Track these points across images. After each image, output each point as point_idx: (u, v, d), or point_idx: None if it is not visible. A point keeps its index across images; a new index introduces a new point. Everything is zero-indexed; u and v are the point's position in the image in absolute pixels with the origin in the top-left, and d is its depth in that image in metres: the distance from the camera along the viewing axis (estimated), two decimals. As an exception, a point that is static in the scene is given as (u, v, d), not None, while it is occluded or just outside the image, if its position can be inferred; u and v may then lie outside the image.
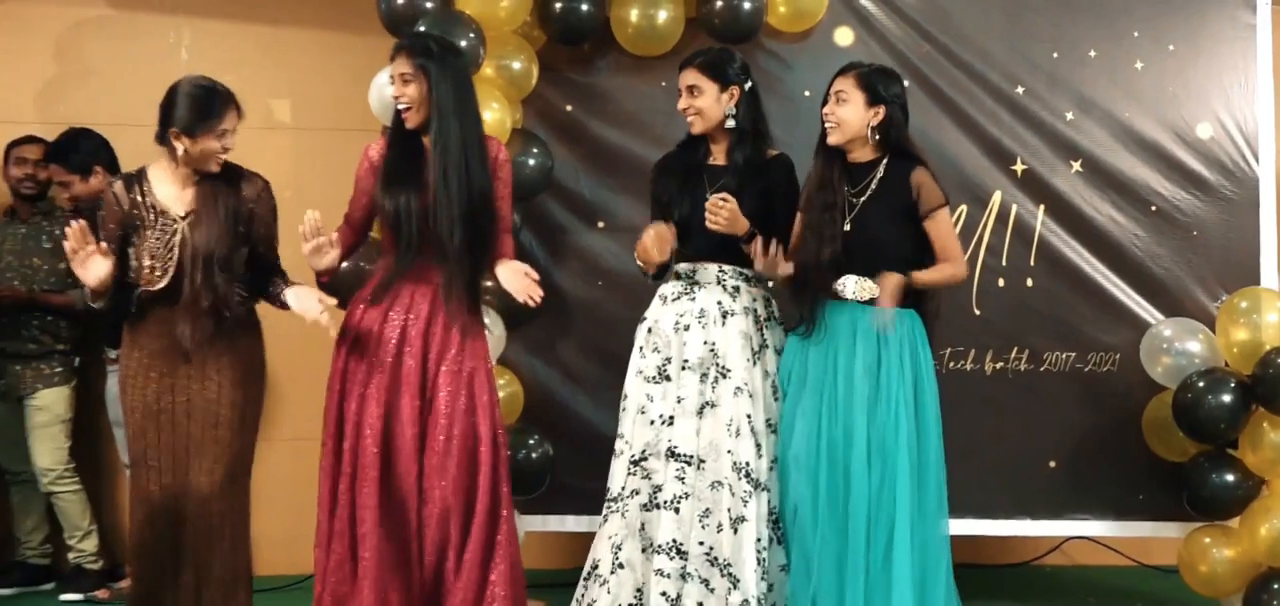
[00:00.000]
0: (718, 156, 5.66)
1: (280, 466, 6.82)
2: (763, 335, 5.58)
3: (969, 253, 6.50)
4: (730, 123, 5.59)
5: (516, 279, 5.42)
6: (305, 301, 5.27)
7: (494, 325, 6.36)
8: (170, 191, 5.26)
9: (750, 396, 5.44)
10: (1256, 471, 6.28)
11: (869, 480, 5.33)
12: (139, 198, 5.24)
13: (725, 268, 5.57)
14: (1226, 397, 6.19)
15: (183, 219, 5.22)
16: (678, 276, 5.66)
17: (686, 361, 5.49)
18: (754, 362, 5.50)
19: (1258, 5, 6.67)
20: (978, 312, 6.58)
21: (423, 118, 5.39)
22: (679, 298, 5.60)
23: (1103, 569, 7.63)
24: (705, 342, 5.49)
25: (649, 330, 5.64)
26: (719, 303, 5.53)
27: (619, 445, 5.61)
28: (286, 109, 7.60)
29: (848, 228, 5.43)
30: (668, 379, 5.53)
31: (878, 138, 5.48)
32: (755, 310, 5.59)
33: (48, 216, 7.11)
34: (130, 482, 5.41)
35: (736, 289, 5.57)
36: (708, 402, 5.45)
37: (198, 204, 5.23)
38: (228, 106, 5.25)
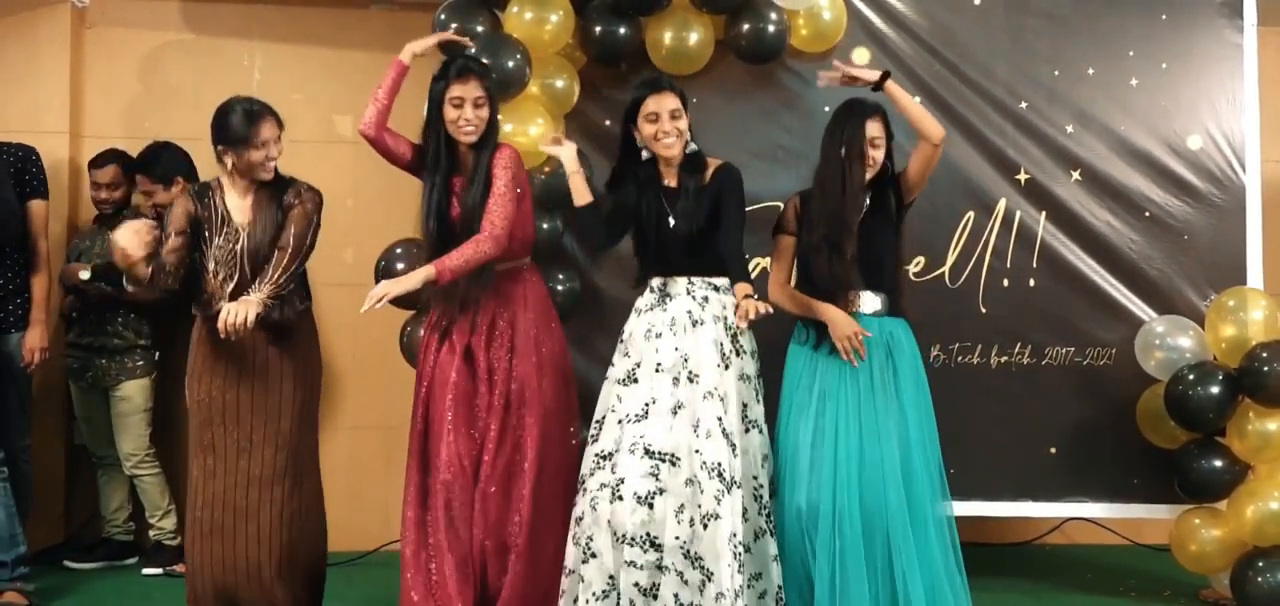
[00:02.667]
0: (668, 179, 5.55)
1: (339, 453, 6.84)
2: (735, 341, 5.46)
3: (976, 255, 6.57)
4: (692, 146, 5.52)
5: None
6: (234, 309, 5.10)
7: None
8: (234, 201, 5.34)
9: (721, 400, 5.32)
10: (1242, 457, 6.27)
11: (900, 475, 5.33)
12: (210, 203, 5.33)
13: (694, 280, 5.49)
14: (1215, 389, 6.18)
15: (244, 228, 5.29)
16: (651, 290, 5.59)
17: (659, 365, 5.40)
18: (726, 368, 5.39)
19: (1244, 26, 6.68)
20: (984, 311, 6.58)
21: (490, 137, 5.41)
22: (652, 309, 5.53)
23: (1099, 547, 7.63)
24: (676, 349, 5.40)
25: (622, 339, 5.60)
26: (689, 312, 5.44)
27: (590, 441, 5.54)
28: (348, 124, 7.57)
29: (856, 247, 5.46)
30: (636, 382, 5.43)
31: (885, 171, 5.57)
32: (725, 319, 5.46)
33: (133, 223, 7.13)
34: (190, 467, 5.45)
35: (705, 299, 5.48)
36: (679, 404, 5.35)
37: (253, 212, 5.30)
38: (260, 121, 5.30)
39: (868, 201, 5.49)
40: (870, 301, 5.47)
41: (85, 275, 6.89)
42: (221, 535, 5.31)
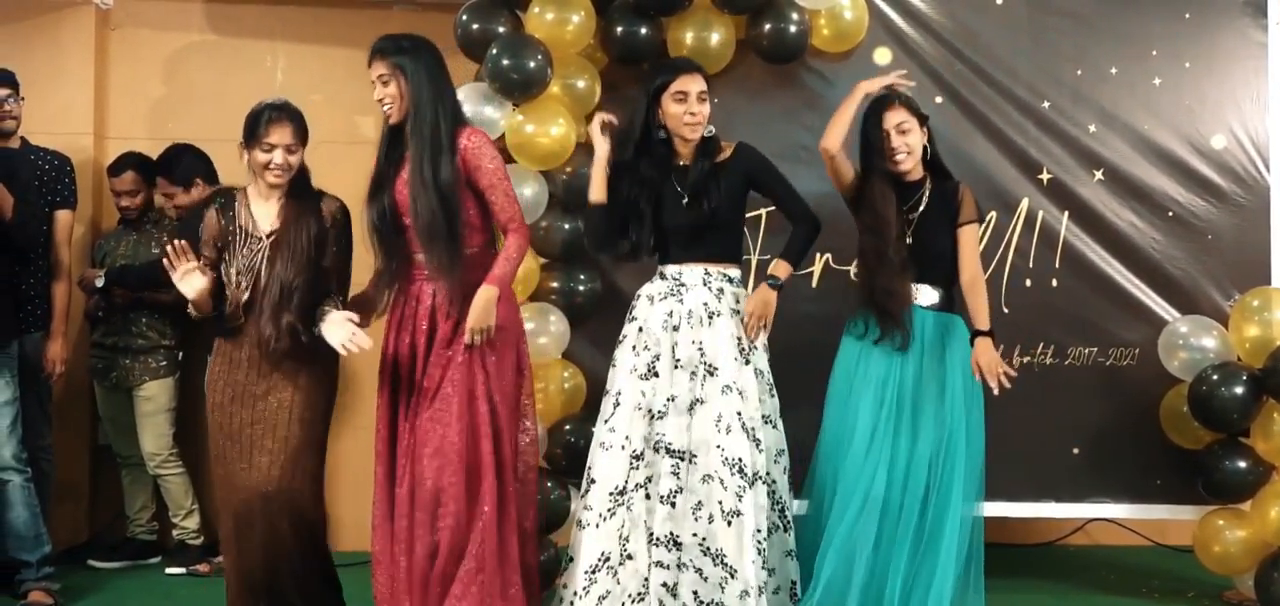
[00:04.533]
0: (683, 158, 5.53)
1: (353, 452, 6.83)
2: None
3: (998, 255, 6.55)
4: (711, 129, 5.51)
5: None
6: (334, 331, 5.09)
7: (557, 321, 6.33)
8: (259, 208, 5.31)
9: (739, 394, 5.29)
10: (1266, 458, 6.24)
11: (929, 469, 5.39)
12: (230, 219, 5.30)
13: (710, 269, 5.47)
14: (1239, 389, 6.15)
15: (268, 237, 5.26)
16: (664, 278, 5.55)
17: (678, 361, 5.38)
18: (745, 362, 5.37)
19: (1269, 25, 6.64)
20: (1006, 311, 6.52)
21: (404, 113, 5.19)
22: (666, 298, 5.47)
23: (1122, 548, 7.59)
24: (693, 342, 5.37)
25: (639, 329, 5.50)
26: (705, 303, 5.41)
27: (609, 438, 5.42)
28: (370, 125, 7.58)
29: (909, 240, 5.54)
30: (657, 375, 5.39)
31: (927, 155, 5.63)
32: (741, 311, 5.46)
33: (156, 225, 7.19)
34: (211, 473, 5.46)
35: (721, 290, 5.45)
36: (697, 400, 5.33)
37: (281, 227, 5.25)
38: (274, 121, 5.24)
39: (927, 196, 5.58)
40: (927, 294, 5.55)
41: (100, 283, 6.96)
42: (247, 532, 5.27)
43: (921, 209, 5.57)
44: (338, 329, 5.07)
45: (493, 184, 5.19)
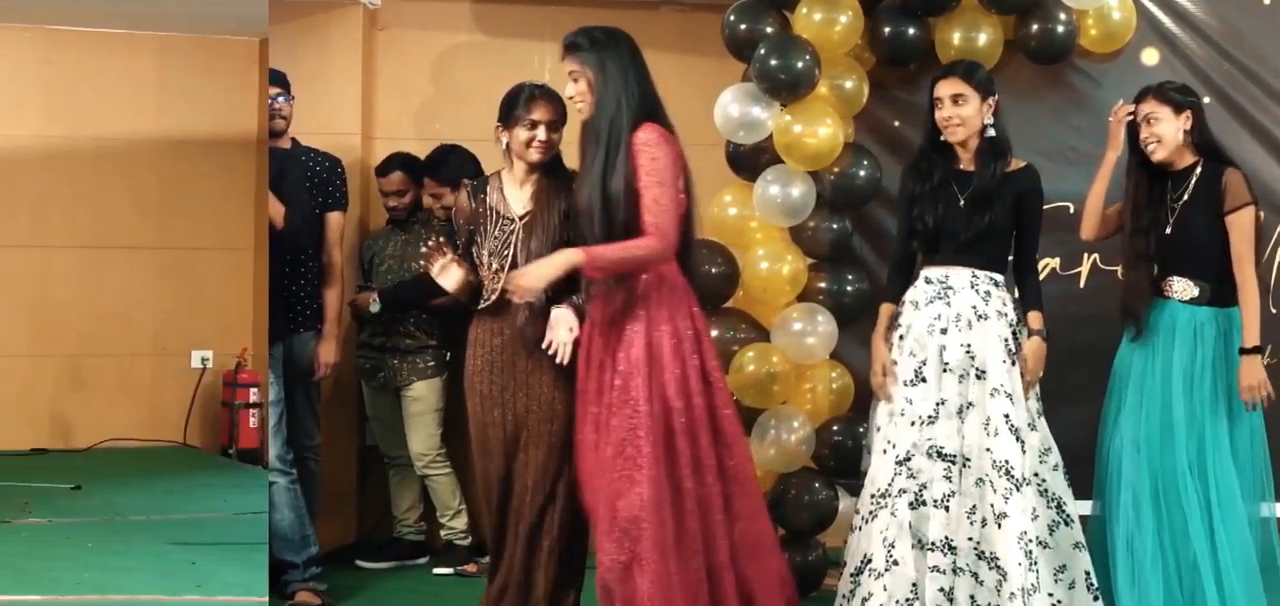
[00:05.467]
0: (965, 163, 6.27)
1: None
2: (1017, 337, 6.16)
3: (1265, 255, 7.12)
4: (991, 133, 6.22)
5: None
6: (555, 326, 5.81)
7: (825, 321, 7.21)
8: (512, 192, 6.09)
9: (1007, 396, 5.99)
10: None
11: (1192, 469, 6.14)
12: (481, 201, 6.09)
13: (978, 273, 6.19)
14: None
15: (520, 219, 5.99)
16: (929, 282, 6.25)
17: (946, 364, 6.07)
18: (1012, 364, 6.08)
19: None
20: (1274, 311, 7.21)
21: (593, 111, 5.77)
22: (932, 302, 6.18)
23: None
24: (962, 345, 6.07)
25: (901, 337, 6.25)
26: (974, 307, 6.11)
27: (875, 441, 6.24)
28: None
29: (1170, 231, 6.35)
30: (924, 380, 6.10)
31: (1193, 140, 6.35)
32: (1008, 314, 6.18)
33: (425, 225, 8.39)
34: (475, 467, 6.30)
35: (988, 293, 6.17)
36: (967, 403, 6.03)
37: (534, 208, 5.99)
38: (535, 100, 6.02)
39: (1192, 184, 6.27)
40: (1183, 288, 6.32)
41: (375, 307, 8.19)
42: (505, 526, 6.06)
43: (1186, 197, 6.32)
44: (559, 328, 5.83)
45: (645, 184, 5.65)
